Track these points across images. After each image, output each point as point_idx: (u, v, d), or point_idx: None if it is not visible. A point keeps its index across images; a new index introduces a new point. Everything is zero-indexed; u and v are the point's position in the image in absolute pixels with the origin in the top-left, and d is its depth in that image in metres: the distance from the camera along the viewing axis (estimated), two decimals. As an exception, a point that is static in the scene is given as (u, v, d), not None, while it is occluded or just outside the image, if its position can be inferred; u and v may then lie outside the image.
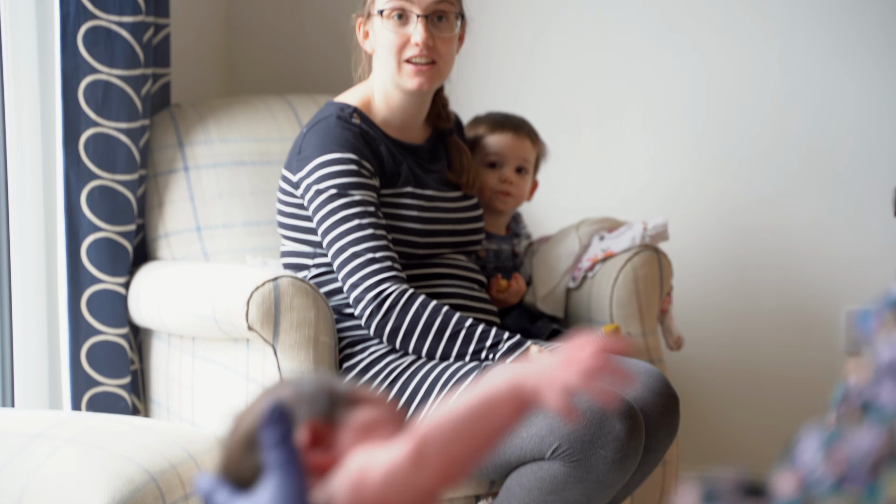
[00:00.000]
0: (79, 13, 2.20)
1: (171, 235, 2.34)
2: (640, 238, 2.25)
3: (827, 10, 2.68)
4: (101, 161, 2.25)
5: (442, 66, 2.05)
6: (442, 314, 1.93)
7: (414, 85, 2.03)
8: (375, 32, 2.06)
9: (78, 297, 2.25)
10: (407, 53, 2.02)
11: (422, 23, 2.01)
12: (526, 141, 2.31)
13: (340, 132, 2.01)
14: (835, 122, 2.71)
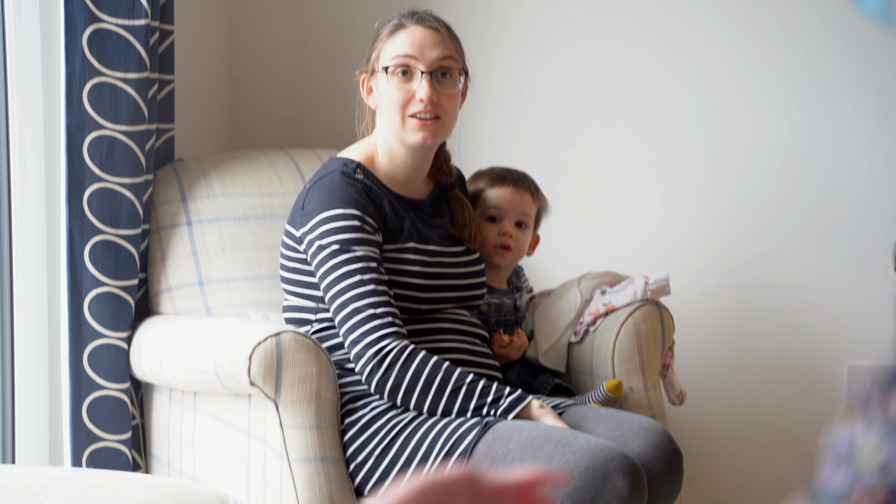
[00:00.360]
0: (84, 70, 2.22)
1: (173, 290, 2.35)
2: (642, 292, 2.25)
3: (834, 70, 2.70)
4: (104, 216, 2.26)
5: (446, 122, 2.06)
6: (442, 371, 1.92)
7: (418, 139, 2.04)
8: (380, 88, 2.07)
9: (80, 352, 2.25)
10: (411, 109, 2.03)
11: (426, 79, 2.02)
12: (526, 195, 2.32)
13: (344, 187, 2.02)
14: (836, 178, 2.72)
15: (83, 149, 2.24)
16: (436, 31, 2.06)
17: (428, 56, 2.03)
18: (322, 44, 2.90)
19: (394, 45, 2.05)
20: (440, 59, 2.04)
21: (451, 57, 2.06)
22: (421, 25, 2.06)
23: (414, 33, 2.05)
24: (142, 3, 2.25)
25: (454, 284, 2.13)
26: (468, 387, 1.92)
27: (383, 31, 2.09)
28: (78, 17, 2.21)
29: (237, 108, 2.92)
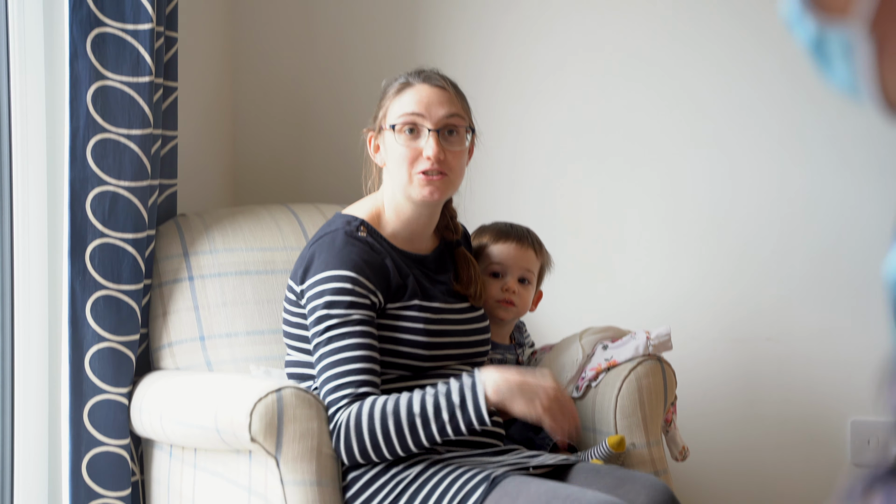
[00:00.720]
0: (88, 127, 2.24)
1: (174, 345, 2.34)
2: (644, 348, 2.25)
3: (836, 125, 2.72)
4: (106, 271, 2.26)
5: (452, 178, 2.07)
6: (391, 415, 1.89)
7: (425, 194, 2.05)
8: (387, 146, 2.09)
9: (80, 407, 2.25)
10: (419, 166, 2.04)
11: (433, 137, 2.04)
12: (529, 251, 2.32)
13: (344, 247, 2.03)
14: (838, 230, 2.73)
15: (86, 204, 2.25)
16: (443, 89, 2.08)
17: (435, 114, 2.05)
18: (324, 100, 2.92)
19: (401, 103, 2.07)
20: (447, 116, 2.06)
21: (457, 115, 2.07)
22: (428, 84, 2.08)
23: (421, 91, 2.07)
24: (146, 61, 2.28)
25: (458, 342, 2.12)
26: (421, 415, 1.89)
27: (390, 89, 2.11)
28: (83, 75, 2.23)
29: (240, 163, 2.94)
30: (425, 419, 1.89)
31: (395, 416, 1.89)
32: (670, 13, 2.78)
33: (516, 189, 2.85)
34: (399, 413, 1.89)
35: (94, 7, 2.23)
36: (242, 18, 2.93)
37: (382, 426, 1.89)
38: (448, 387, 1.91)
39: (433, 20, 2.88)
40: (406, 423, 1.89)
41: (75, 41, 2.23)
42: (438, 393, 1.91)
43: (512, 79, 2.85)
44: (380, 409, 1.90)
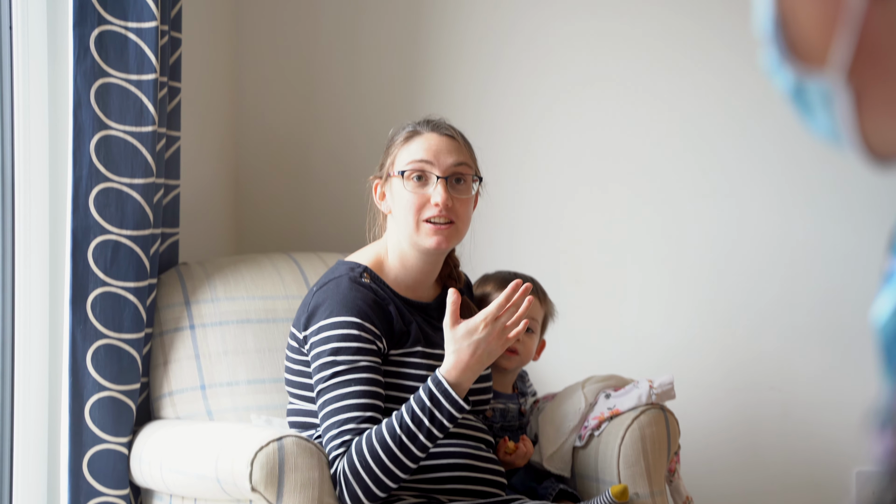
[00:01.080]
0: (91, 176, 2.25)
1: (175, 394, 2.33)
2: (647, 396, 2.24)
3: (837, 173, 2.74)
4: (107, 320, 2.26)
5: (459, 226, 2.09)
6: (378, 444, 1.89)
7: (432, 244, 2.05)
8: (394, 193, 2.09)
9: (80, 457, 2.23)
10: (426, 213, 2.05)
11: (441, 184, 2.05)
12: (534, 300, 2.32)
13: (348, 293, 2.03)
14: (839, 279, 2.73)
15: (88, 253, 2.25)
16: (451, 137, 2.10)
17: (443, 162, 2.07)
18: (325, 150, 2.94)
19: (410, 150, 2.08)
20: (455, 165, 2.07)
21: (465, 163, 2.09)
22: (437, 132, 2.10)
23: (430, 140, 2.09)
24: (149, 110, 2.29)
25: None
26: (405, 431, 1.90)
27: (398, 137, 2.12)
28: (86, 124, 2.25)
29: (241, 212, 2.94)
30: (410, 433, 1.89)
31: (382, 444, 1.89)
32: (675, 67, 2.80)
33: (516, 237, 2.86)
34: (385, 439, 1.89)
35: (98, 58, 2.25)
36: (245, 69, 2.95)
37: (374, 458, 1.89)
38: (417, 395, 1.94)
39: (431, 71, 2.90)
40: (395, 444, 1.89)
41: (79, 91, 2.24)
42: (412, 405, 1.92)
43: (509, 130, 2.87)
44: (367, 444, 1.90)
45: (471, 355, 1.92)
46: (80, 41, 2.24)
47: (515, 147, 2.86)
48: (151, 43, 2.29)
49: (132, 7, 2.28)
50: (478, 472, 2.04)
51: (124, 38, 2.28)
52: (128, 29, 2.28)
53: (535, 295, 2.33)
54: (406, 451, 1.89)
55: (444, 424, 1.91)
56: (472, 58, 2.89)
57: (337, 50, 2.94)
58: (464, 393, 1.93)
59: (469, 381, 1.93)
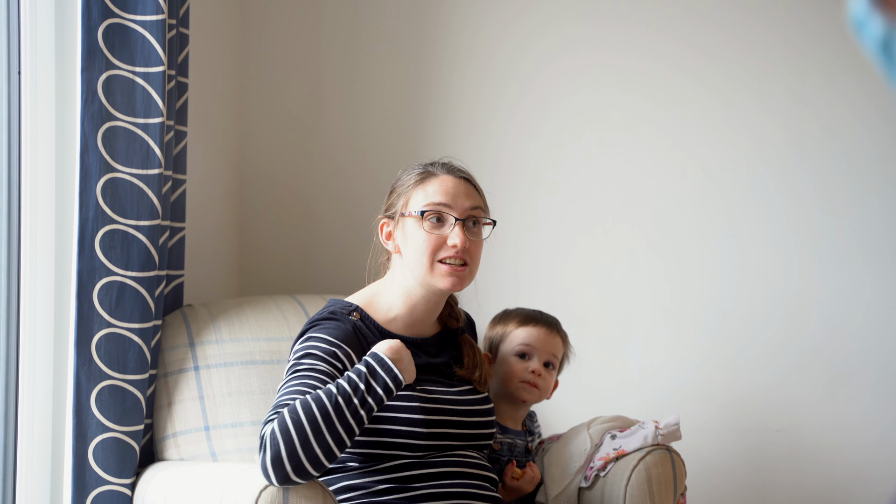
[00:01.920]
0: (97, 218, 2.26)
1: (178, 435, 2.33)
2: (653, 437, 2.23)
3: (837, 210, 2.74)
4: (112, 361, 2.26)
5: (472, 268, 2.11)
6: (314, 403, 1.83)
7: (447, 284, 2.08)
8: (407, 233, 2.10)
9: (83, 498, 2.22)
10: (442, 254, 2.07)
11: (459, 226, 2.08)
12: (557, 338, 2.35)
13: (334, 323, 2.05)
14: (841, 319, 2.73)
15: (93, 294, 2.25)
16: (467, 181, 2.13)
17: (461, 205, 2.09)
18: (329, 193, 2.95)
19: (426, 192, 2.10)
20: (471, 208, 2.10)
21: (479, 207, 2.13)
22: (452, 175, 2.13)
23: (446, 182, 2.11)
24: (155, 153, 2.31)
25: (458, 421, 2.10)
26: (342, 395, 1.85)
27: (409, 178, 2.14)
28: (93, 167, 2.26)
29: (245, 255, 2.95)
30: (347, 397, 1.85)
31: (319, 406, 1.82)
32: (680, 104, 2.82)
33: (521, 277, 2.86)
34: (321, 399, 1.83)
35: (105, 101, 2.27)
36: (250, 114, 2.98)
37: (308, 415, 1.81)
38: (355, 368, 1.92)
39: (433, 113, 2.92)
40: (332, 408, 1.83)
41: (86, 134, 2.26)
42: (349, 374, 1.90)
43: (512, 171, 2.88)
44: (301, 404, 1.83)
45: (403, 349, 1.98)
46: (88, 85, 2.26)
47: (519, 188, 2.87)
48: (158, 87, 2.31)
49: (140, 52, 2.31)
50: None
51: (132, 82, 2.30)
52: (135, 73, 2.31)
53: (558, 333, 2.36)
54: (339, 413, 1.82)
55: (378, 395, 1.88)
56: (473, 99, 2.91)
57: (339, 94, 2.97)
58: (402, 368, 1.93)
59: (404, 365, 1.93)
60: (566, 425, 2.49)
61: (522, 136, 2.88)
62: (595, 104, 2.85)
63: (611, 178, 2.84)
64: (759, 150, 2.78)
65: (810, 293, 2.74)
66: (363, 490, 2.03)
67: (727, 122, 2.79)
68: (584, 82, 2.84)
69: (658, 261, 2.81)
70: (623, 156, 2.83)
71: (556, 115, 2.86)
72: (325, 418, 1.82)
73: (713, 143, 2.80)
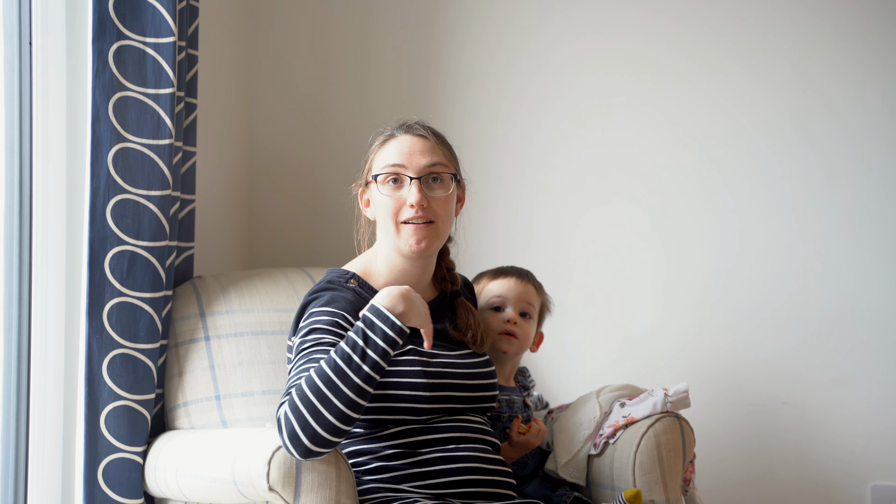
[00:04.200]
0: (109, 187, 2.27)
1: (189, 404, 2.34)
2: (662, 404, 2.24)
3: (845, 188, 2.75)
4: (123, 330, 2.27)
5: (439, 226, 2.07)
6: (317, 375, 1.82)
7: (412, 245, 2.05)
8: (373, 199, 2.10)
9: (95, 466, 2.23)
10: (403, 215, 2.05)
11: (415, 185, 2.05)
12: (529, 286, 2.34)
13: (334, 295, 2.04)
14: (847, 291, 2.73)
15: (105, 263, 2.26)
16: (424, 138, 2.09)
17: (416, 163, 2.06)
18: (337, 166, 2.96)
19: (383, 155, 2.09)
20: (429, 165, 2.07)
21: (440, 163, 2.08)
22: (410, 134, 2.10)
23: (403, 142, 2.09)
24: (166, 124, 2.32)
25: (461, 384, 2.10)
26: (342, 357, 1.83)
27: (375, 143, 2.14)
28: (104, 137, 2.27)
29: (254, 228, 2.96)
30: (346, 358, 1.83)
31: (320, 375, 1.82)
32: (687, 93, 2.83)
33: (529, 252, 2.86)
34: (323, 370, 1.82)
35: (116, 72, 2.28)
36: (259, 88, 2.99)
37: (313, 389, 1.81)
38: (354, 326, 1.89)
39: (441, 88, 2.92)
40: (333, 372, 1.81)
41: (97, 104, 2.27)
42: (348, 334, 1.87)
43: (519, 150, 2.89)
44: (307, 380, 1.83)
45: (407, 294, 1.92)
46: (99, 55, 2.27)
47: (526, 166, 2.88)
48: (169, 58, 2.32)
49: (150, 23, 2.32)
50: (487, 475, 2.03)
51: (142, 52, 2.31)
52: (146, 44, 2.31)
53: (530, 282, 2.35)
54: (342, 376, 1.81)
55: (378, 346, 1.84)
56: (481, 78, 2.92)
57: (348, 68, 2.98)
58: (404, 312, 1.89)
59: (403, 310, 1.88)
60: (574, 396, 2.50)
61: (531, 114, 2.89)
62: (602, 89, 2.85)
63: (616, 156, 2.84)
64: (762, 128, 2.78)
65: (816, 268, 2.75)
66: (371, 455, 2.04)
67: (730, 102, 2.80)
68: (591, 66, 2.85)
69: (665, 236, 2.81)
70: (627, 132, 2.84)
71: (563, 99, 2.87)
72: (328, 385, 1.82)
73: (717, 122, 2.80)
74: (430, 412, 2.05)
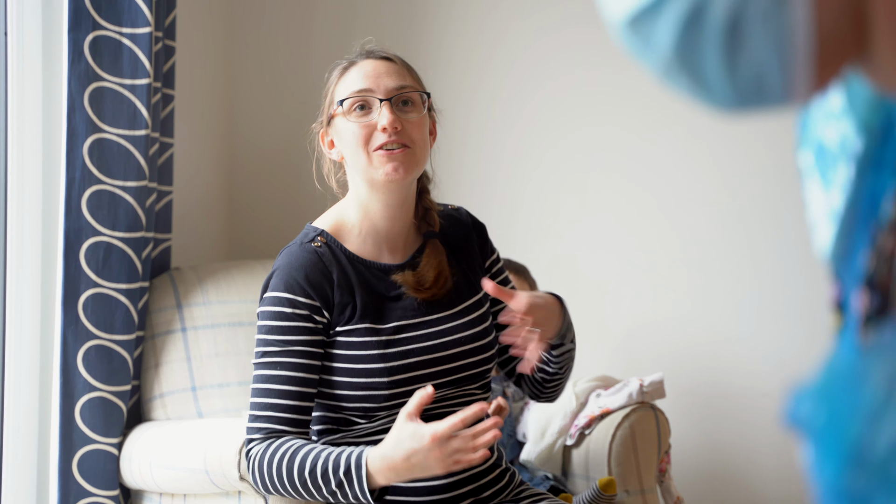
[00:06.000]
0: (84, 178, 2.26)
1: (165, 395, 2.34)
2: (637, 394, 2.24)
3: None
4: (99, 321, 2.26)
5: (416, 152, 1.84)
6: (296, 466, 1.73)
7: (388, 171, 1.81)
8: (340, 133, 1.88)
9: (69, 457, 2.23)
10: (375, 142, 1.82)
11: (386, 106, 1.83)
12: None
13: (291, 263, 1.84)
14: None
15: (80, 254, 2.26)
16: (388, 60, 1.91)
17: (384, 85, 1.86)
18: (319, 160, 2.95)
19: (346, 83, 1.89)
20: (398, 88, 1.86)
21: (409, 85, 1.88)
22: (372, 58, 1.91)
23: (366, 66, 1.89)
24: (142, 114, 2.31)
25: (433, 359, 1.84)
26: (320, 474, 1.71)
27: (333, 74, 1.94)
28: (80, 127, 2.27)
29: (234, 219, 2.96)
30: (316, 480, 1.72)
31: (299, 468, 1.72)
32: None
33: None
34: (303, 466, 1.72)
35: (92, 62, 2.28)
36: (238, 78, 2.98)
37: (288, 473, 1.73)
38: (339, 454, 1.72)
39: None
40: (308, 476, 1.72)
41: (73, 94, 2.26)
42: (330, 461, 1.72)
43: (497, 138, 2.89)
44: (287, 456, 1.73)
45: (404, 459, 1.66)
46: (75, 45, 2.27)
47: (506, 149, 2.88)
48: (145, 48, 2.31)
49: (127, 13, 2.31)
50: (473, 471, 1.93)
51: (118, 43, 2.31)
52: (122, 34, 2.31)
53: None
54: (314, 486, 1.73)
55: (348, 498, 1.72)
56: (463, 65, 2.91)
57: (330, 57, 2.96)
58: (376, 486, 1.71)
59: (389, 481, 1.69)
60: (552, 386, 2.50)
61: (512, 97, 2.89)
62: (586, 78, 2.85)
63: (599, 144, 2.84)
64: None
65: (797, 259, 2.75)
66: None
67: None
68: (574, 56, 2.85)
69: (643, 225, 2.81)
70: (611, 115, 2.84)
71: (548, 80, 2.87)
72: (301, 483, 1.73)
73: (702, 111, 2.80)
74: (390, 402, 1.81)
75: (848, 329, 0.68)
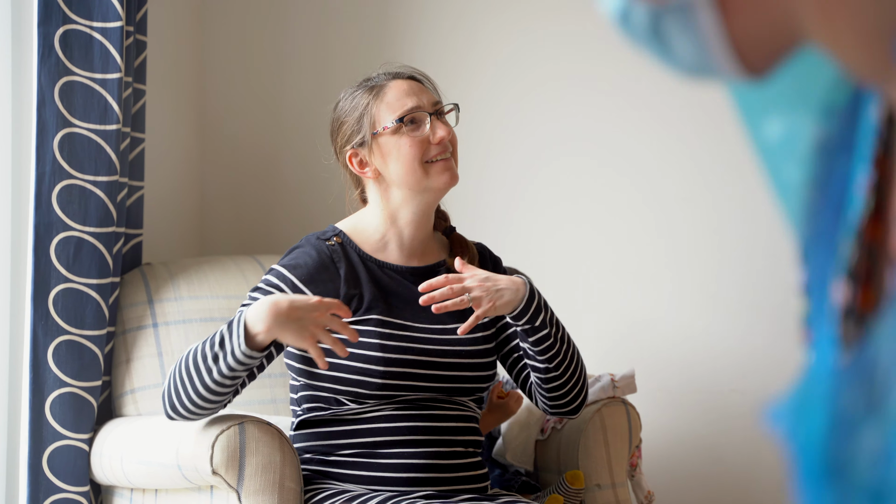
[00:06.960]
0: (54, 172, 2.25)
1: (137, 391, 2.33)
2: (609, 389, 2.25)
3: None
4: (69, 316, 2.25)
5: (456, 158, 2.01)
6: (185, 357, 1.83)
7: (446, 179, 1.96)
8: (386, 150, 1.96)
9: (39, 453, 2.21)
10: (430, 153, 1.96)
11: (437, 119, 1.97)
12: None
13: (300, 252, 1.96)
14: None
15: (50, 249, 2.24)
16: (415, 79, 2.03)
17: (426, 100, 1.99)
18: (291, 153, 2.95)
19: (389, 103, 1.98)
20: (435, 103, 2.01)
21: (439, 101, 2.02)
22: (399, 79, 2.02)
23: (402, 86, 2.00)
24: (113, 109, 2.30)
25: (430, 362, 1.92)
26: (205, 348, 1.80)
27: (358, 101, 2.01)
28: (50, 122, 2.25)
29: (206, 215, 2.95)
30: (204, 353, 1.79)
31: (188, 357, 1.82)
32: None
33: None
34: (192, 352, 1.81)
35: (62, 56, 2.26)
36: (211, 73, 2.97)
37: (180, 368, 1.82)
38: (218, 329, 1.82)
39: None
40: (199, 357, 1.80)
41: (43, 88, 2.25)
42: (217, 331, 1.81)
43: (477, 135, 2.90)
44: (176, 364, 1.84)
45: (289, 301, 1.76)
46: (45, 39, 2.25)
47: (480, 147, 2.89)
48: (116, 43, 2.30)
49: (97, 7, 2.30)
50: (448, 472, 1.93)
51: (89, 37, 2.29)
52: (93, 28, 2.30)
53: None
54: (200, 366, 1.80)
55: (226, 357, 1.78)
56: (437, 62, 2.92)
57: (303, 53, 2.97)
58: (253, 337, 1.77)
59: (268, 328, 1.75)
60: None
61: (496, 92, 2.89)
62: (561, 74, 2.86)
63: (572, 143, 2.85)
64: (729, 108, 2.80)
65: (769, 256, 2.77)
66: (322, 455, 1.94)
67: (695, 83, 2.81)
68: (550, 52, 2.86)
69: (614, 220, 2.83)
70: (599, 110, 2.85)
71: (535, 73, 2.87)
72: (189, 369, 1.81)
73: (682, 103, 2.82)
74: (382, 395, 1.89)
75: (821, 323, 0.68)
